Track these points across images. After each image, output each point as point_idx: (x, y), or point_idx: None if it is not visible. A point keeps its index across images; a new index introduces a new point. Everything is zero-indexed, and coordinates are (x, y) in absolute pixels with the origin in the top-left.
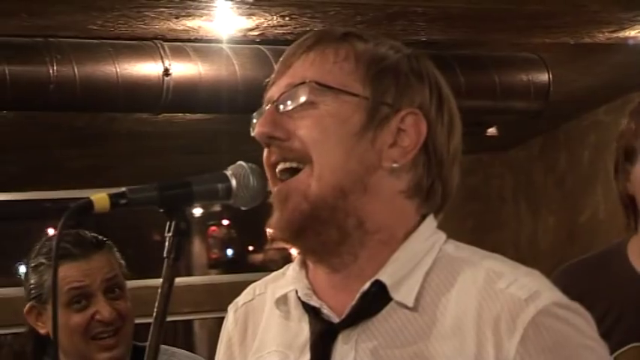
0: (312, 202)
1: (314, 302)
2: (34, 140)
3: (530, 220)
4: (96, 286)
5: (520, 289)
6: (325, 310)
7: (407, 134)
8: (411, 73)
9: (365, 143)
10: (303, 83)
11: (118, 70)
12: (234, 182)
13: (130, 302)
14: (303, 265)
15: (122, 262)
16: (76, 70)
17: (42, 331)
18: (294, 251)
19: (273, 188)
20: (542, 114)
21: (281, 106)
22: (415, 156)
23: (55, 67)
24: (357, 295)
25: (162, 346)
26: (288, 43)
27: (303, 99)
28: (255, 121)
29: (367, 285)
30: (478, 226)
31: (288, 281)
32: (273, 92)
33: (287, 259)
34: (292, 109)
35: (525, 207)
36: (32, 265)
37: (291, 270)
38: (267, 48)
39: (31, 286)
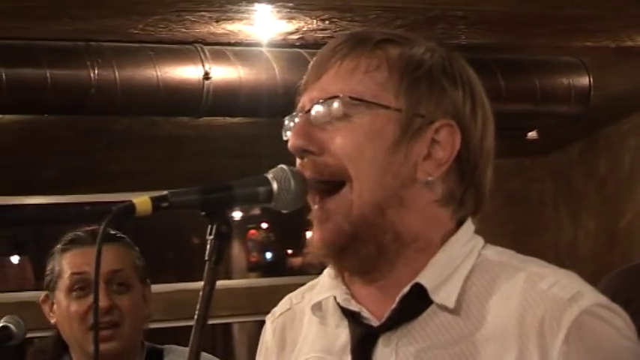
0: (352, 222)
1: (353, 307)
2: (74, 144)
3: (570, 225)
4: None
5: (562, 289)
6: (365, 314)
7: (441, 146)
8: (444, 79)
9: (400, 157)
10: (336, 97)
11: (159, 73)
12: (275, 185)
13: (140, 304)
14: (340, 271)
15: (139, 263)
16: (116, 73)
17: (52, 321)
18: None
19: (312, 203)
20: (582, 118)
21: (313, 118)
22: (449, 167)
23: (96, 71)
24: (397, 299)
25: (173, 347)
26: None
27: (335, 113)
28: (287, 123)
29: (407, 288)
30: (518, 230)
31: (324, 287)
32: (305, 100)
33: (326, 264)
34: (324, 122)
35: (565, 211)
36: (49, 254)
37: (327, 276)
38: (307, 52)
39: (46, 275)
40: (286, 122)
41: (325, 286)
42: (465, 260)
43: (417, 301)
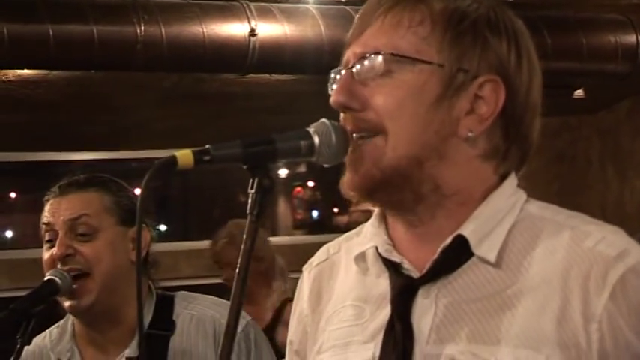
0: (383, 170)
1: (395, 257)
2: (121, 100)
3: (616, 184)
4: (60, 224)
5: (608, 246)
6: (406, 265)
7: (485, 101)
8: (489, 32)
9: (441, 112)
10: (378, 53)
11: (205, 30)
12: (316, 139)
13: (116, 248)
14: (383, 221)
15: (117, 206)
16: (163, 30)
17: None
18: None
19: (350, 149)
20: (629, 76)
21: (356, 73)
22: (493, 121)
23: (142, 28)
24: (439, 250)
25: (184, 293)
26: None
27: (378, 69)
28: (332, 77)
29: (449, 240)
30: (564, 188)
31: (368, 238)
32: (349, 55)
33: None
34: (367, 77)
35: (612, 170)
36: None
37: (370, 226)
38: (352, 8)
39: None
40: (332, 76)
41: (368, 236)
42: (507, 214)
43: (459, 253)
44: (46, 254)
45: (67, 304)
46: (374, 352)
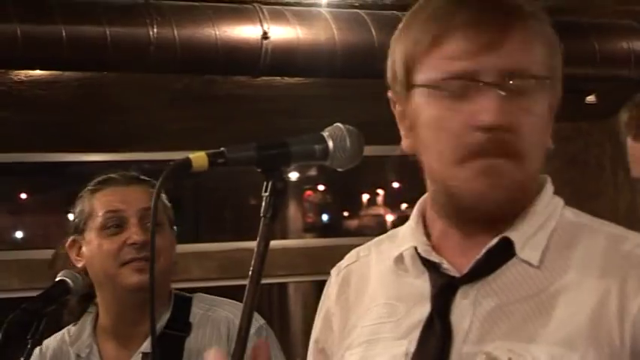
0: (517, 189)
1: (434, 258)
2: (134, 102)
3: (628, 189)
4: (132, 212)
5: None
6: (446, 265)
7: (553, 111)
8: (559, 46)
9: (550, 127)
10: (528, 75)
11: (218, 32)
12: (330, 143)
13: (171, 245)
14: (420, 222)
15: (168, 207)
16: (175, 32)
17: (79, 265)
18: (389, 217)
19: (485, 161)
20: None
21: (508, 93)
22: None
23: (155, 29)
24: (483, 251)
25: (202, 295)
26: (386, 8)
27: (530, 90)
28: (458, 86)
29: (495, 241)
30: (576, 193)
31: (406, 239)
32: (486, 68)
33: (382, 225)
34: (518, 100)
35: (624, 175)
36: (77, 198)
37: (407, 227)
38: (365, 13)
39: (74, 219)
40: (457, 86)
41: (406, 237)
42: (549, 218)
43: (501, 255)
44: (113, 242)
45: (133, 279)
46: (407, 348)
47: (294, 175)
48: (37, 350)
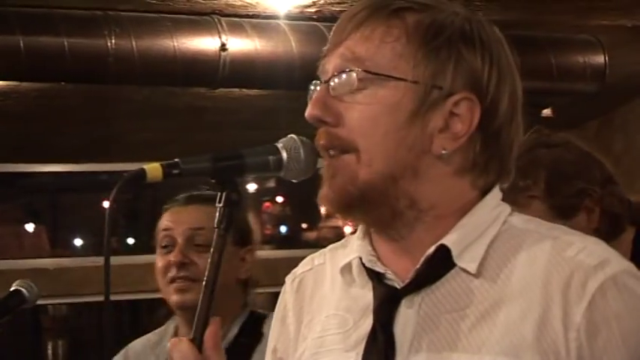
0: (359, 187)
1: (378, 268)
2: (92, 113)
3: None
4: (179, 231)
5: (589, 256)
6: (390, 276)
7: (460, 119)
8: (464, 46)
9: (415, 130)
10: (351, 70)
11: (176, 44)
12: (284, 155)
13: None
14: (367, 232)
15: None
16: (134, 43)
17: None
18: (347, 229)
19: (325, 163)
20: (598, 96)
21: (332, 88)
22: (469, 136)
23: (113, 41)
24: (422, 260)
25: None
26: None
27: (352, 85)
28: (311, 89)
29: (432, 249)
30: None
31: (353, 249)
32: (325, 68)
33: (341, 237)
34: (342, 93)
35: None
36: None
37: (355, 238)
38: (323, 25)
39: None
40: (311, 88)
41: (353, 247)
42: (490, 226)
43: (441, 264)
44: (161, 260)
45: (174, 298)
46: None
47: (252, 187)
48: (122, 351)
